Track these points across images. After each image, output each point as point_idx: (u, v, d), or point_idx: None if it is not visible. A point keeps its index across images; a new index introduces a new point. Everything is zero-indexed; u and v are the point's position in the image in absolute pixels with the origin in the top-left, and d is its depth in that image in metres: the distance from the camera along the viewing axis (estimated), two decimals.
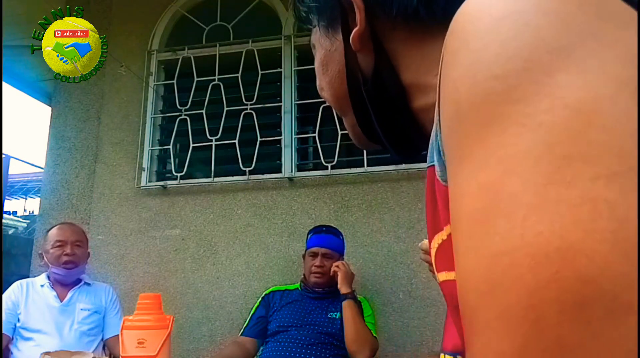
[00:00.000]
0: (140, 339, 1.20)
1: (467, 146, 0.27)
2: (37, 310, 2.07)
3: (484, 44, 0.28)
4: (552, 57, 0.25)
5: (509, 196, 0.23)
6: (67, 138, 2.93)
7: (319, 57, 0.52)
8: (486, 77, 0.27)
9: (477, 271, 0.24)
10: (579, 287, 0.21)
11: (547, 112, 0.24)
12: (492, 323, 0.23)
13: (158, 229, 2.67)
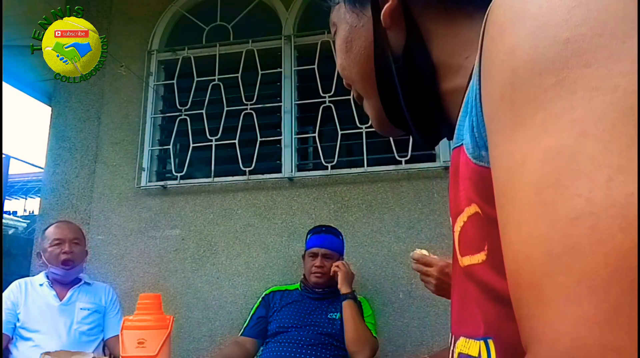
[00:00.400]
0: (140, 339, 1.20)
1: (525, 112, 0.26)
2: (37, 309, 2.06)
3: (549, 10, 0.27)
4: (623, 24, 0.25)
5: (588, 158, 0.23)
6: (67, 138, 2.93)
7: (343, 33, 0.50)
8: (553, 42, 0.26)
9: (550, 236, 0.23)
10: None
11: (622, 75, 0.23)
12: (572, 288, 0.22)
13: (158, 229, 2.67)
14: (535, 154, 0.25)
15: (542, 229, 0.23)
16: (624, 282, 0.20)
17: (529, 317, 0.24)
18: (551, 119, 0.25)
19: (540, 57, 0.26)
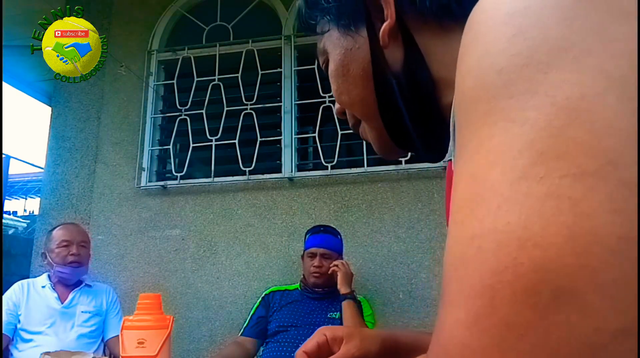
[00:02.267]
0: (140, 339, 1.20)
1: (466, 136, 0.29)
2: (38, 311, 2.07)
3: (493, 38, 0.29)
4: (550, 55, 0.26)
5: (490, 186, 0.26)
6: (67, 138, 2.93)
7: (338, 58, 0.50)
8: (490, 71, 0.28)
9: (455, 250, 0.27)
10: (531, 275, 0.23)
11: (534, 109, 0.25)
12: (455, 295, 0.25)
13: (158, 229, 2.67)
14: (463, 177, 0.28)
15: (452, 243, 0.27)
16: (486, 297, 0.24)
17: (438, 313, 0.28)
18: (478, 145, 0.27)
19: (479, 85, 0.28)
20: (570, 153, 0.24)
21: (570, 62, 0.26)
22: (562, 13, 0.28)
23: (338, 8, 0.48)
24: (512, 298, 0.23)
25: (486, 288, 0.24)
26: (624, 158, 0.24)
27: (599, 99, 0.25)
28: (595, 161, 0.24)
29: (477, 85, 0.29)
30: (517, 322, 0.23)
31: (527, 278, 0.23)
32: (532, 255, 0.23)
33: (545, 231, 0.23)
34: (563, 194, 0.23)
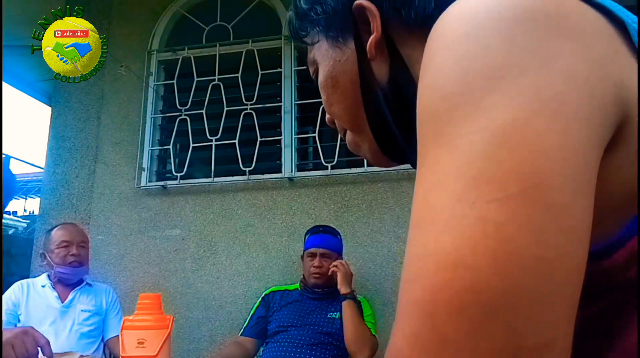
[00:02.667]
0: (140, 339, 1.20)
1: (420, 156, 0.31)
2: (38, 311, 2.06)
3: (441, 61, 0.30)
4: (488, 79, 0.28)
5: (434, 209, 0.28)
6: (67, 138, 2.93)
7: (327, 69, 0.50)
8: (436, 95, 0.30)
9: (406, 267, 0.29)
10: (463, 295, 0.25)
11: (472, 133, 0.27)
12: (403, 310, 0.28)
13: (158, 229, 2.67)
14: (416, 197, 0.30)
15: (405, 260, 0.29)
16: (424, 313, 0.26)
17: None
18: (427, 167, 0.29)
19: (428, 108, 0.30)
20: (498, 178, 0.26)
21: (506, 85, 0.27)
22: (502, 36, 0.29)
23: (327, 20, 0.49)
24: (447, 316, 0.25)
25: (426, 305, 0.26)
26: (549, 180, 0.25)
27: (528, 122, 0.26)
28: (519, 185, 0.25)
29: (426, 109, 0.30)
30: (452, 339, 0.25)
31: (460, 298, 0.25)
32: (463, 277, 0.25)
33: (474, 255, 0.25)
34: (489, 219, 0.25)
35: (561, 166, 0.26)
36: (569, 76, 0.27)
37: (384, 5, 0.45)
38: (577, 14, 0.30)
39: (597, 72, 0.28)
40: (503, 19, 0.29)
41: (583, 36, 0.29)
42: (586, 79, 0.28)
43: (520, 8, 0.29)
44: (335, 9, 0.48)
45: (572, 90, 0.27)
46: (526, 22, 0.29)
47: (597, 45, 0.29)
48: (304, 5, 0.51)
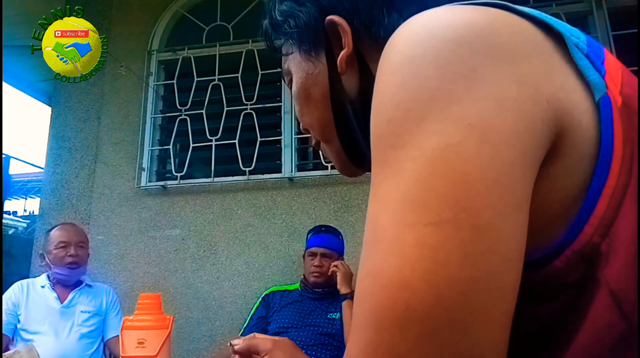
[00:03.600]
0: (140, 339, 1.20)
1: (372, 177, 0.32)
2: (38, 311, 2.06)
3: (384, 88, 0.32)
4: (424, 106, 0.30)
5: (380, 230, 0.30)
6: (67, 138, 2.93)
7: (300, 81, 0.52)
8: (381, 120, 0.32)
9: (358, 284, 0.31)
10: (405, 313, 0.27)
11: (409, 160, 0.29)
12: (356, 324, 0.30)
13: (158, 229, 2.67)
14: (368, 217, 0.32)
15: (358, 276, 0.31)
16: (373, 329, 0.28)
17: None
18: (374, 190, 0.31)
19: (376, 132, 0.32)
20: (433, 203, 0.28)
21: (439, 112, 0.29)
22: (438, 62, 0.30)
23: (299, 34, 0.50)
24: (393, 332, 0.28)
25: (375, 321, 0.28)
26: (478, 203, 0.27)
27: (458, 148, 0.28)
28: (451, 210, 0.27)
29: (375, 132, 0.32)
30: (401, 352, 0.27)
31: (402, 316, 0.27)
32: (404, 296, 0.27)
33: (413, 276, 0.27)
34: (426, 242, 0.27)
35: (490, 189, 0.28)
36: (498, 100, 0.29)
37: (355, 22, 0.47)
38: (512, 34, 0.32)
39: (527, 91, 0.30)
40: (439, 45, 0.31)
41: (515, 57, 0.31)
42: (515, 101, 0.29)
43: (456, 32, 0.31)
44: (308, 23, 0.49)
45: (500, 114, 0.29)
46: (460, 47, 0.31)
47: (530, 64, 0.31)
48: (279, 17, 0.53)
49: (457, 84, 0.29)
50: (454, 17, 0.32)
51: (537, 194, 0.30)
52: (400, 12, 0.46)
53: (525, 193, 0.29)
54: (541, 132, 0.30)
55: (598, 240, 0.30)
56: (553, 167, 0.31)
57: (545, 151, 0.30)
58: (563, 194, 0.31)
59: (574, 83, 0.32)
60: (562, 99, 0.31)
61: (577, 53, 0.33)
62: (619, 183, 0.30)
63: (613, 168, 0.30)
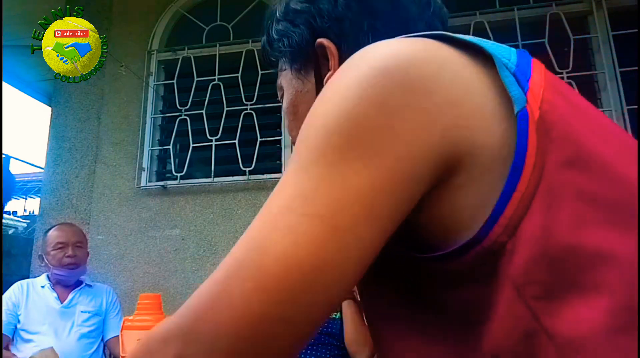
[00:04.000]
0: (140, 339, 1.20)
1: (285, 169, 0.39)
2: (37, 311, 2.06)
3: (319, 100, 0.38)
4: (339, 129, 0.35)
5: (268, 207, 0.36)
6: (67, 138, 2.93)
7: (289, 98, 0.56)
8: (307, 127, 0.38)
9: (239, 243, 0.38)
10: (256, 271, 0.33)
11: (315, 167, 0.35)
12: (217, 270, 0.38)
13: (158, 229, 2.67)
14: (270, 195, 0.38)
15: (239, 241, 0.37)
16: (230, 275, 0.35)
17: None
18: (281, 178, 0.37)
19: (300, 136, 0.38)
20: (317, 201, 0.34)
21: (345, 136, 0.35)
22: (359, 90, 0.36)
23: (292, 53, 0.55)
24: (242, 285, 0.33)
25: (231, 272, 0.35)
26: (346, 212, 0.34)
27: (348, 170, 0.34)
28: (327, 211, 0.34)
29: (299, 136, 0.38)
30: (235, 300, 0.34)
31: (254, 274, 0.33)
32: (262, 260, 0.33)
33: (274, 248, 0.33)
34: (293, 226, 0.35)
35: (360, 205, 0.33)
36: (393, 129, 0.34)
37: (342, 46, 0.51)
38: (431, 66, 0.37)
39: (423, 122, 0.35)
40: (362, 74, 0.37)
41: (425, 90, 0.36)
42: (409, 130, 0.35)
43: (378, 64, 0.37)
44: (300, 44, 0.54)
45: (391, 144, 0.34)
46: (377, 79, 0.36)
47: (438, 95, 0.36)
48: (275, 35, 0.58)
49: (368, 110, 0.35)
50: (385, 50, 0.38)
51: (445, 201, 0.36)
52: (383, 38, 0.50)
53: (393, 212, 0.35)
54: (429, 158, 0.35)
55: (505, 238, 0.34)
56: (458, 178, 0.36)
57: (437, 172, 0.35)
58: (475, 198, 0.36)
59: (494, 99, 0.37)
60: (465, 125, 0.36)
61: (504, 71, 0.37)
62: (528, 189, 0.34)
63: (524, 175, 0.34)
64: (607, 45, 2.43)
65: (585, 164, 0.35)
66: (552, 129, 0.35)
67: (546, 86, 0.37)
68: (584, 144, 0.36)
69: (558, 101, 0.37)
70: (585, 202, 0.34)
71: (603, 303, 0.32)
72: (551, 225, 0.34)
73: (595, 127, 0.39)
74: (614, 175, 0.35)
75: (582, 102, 0.42)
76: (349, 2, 0.52)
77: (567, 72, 2.40)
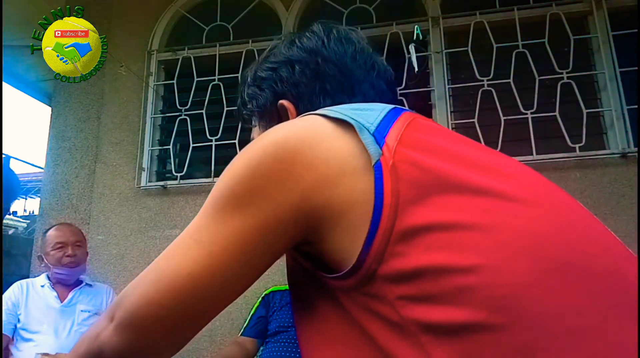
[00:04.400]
0: None
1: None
2: (37, 310, 2.06)
3: (232, 163, 0.54)
4: (232, 192, 0.50)
5: (182, 233, 0.51)
6: (67, 138, 2.93)
7: None
8: (220, 181, 0.53)
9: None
10: (152, 282, 0.49)
11: (221, 216, 0.49)
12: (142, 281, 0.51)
13: (158, 229, 2.67)
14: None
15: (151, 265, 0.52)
16: (140, 282, 0.51)
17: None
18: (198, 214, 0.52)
19: (214, 188, 0.52)
20: (209, 233, 0.49)
21: (233, 199, 0.49)
22: (248, 164, 0.51)
23: (259, 112, 0.67)
24: (145, 287, 0.50)
25: (141, 277, 0.51)
26: (226, 250, 0.48)
27: (234, 226, 0.49)
28: (212, 242, 0.49)
29: (214, 188, 0.52)
30: (145, 299, 0.49)
31: (152, 283, 0.49)
32: (159, 269, 0.50)
33: (164, 263, 0.50)
34: (183, 247, 0.50)
35: (234, 251, 0.47)
36: (265, 199, 0.47)
37: (299, 105, 0.62)
38: (305, 143, 0.47)
39: (286, 188, 0.46)
40: (252, 152, 0.51)
41: (290, 170, 0.46)
42: (275, 205, 0.46)
43: (267, 145, 0.49)
44: (265, 105, 0.66)
45: (257, 216, 0.47)
46: (262, 157, 0.49)
47: (306, 172, 0.46)
48: (246, 97, 0.69)
49: (247, 176, 0.49)
50: (273, 131, 0.51)
51: (327, 240, 0.46)
52: (333, 98, 0.61)
53: (259, 249, 0.48)
54: (292, 211, 0.46)
55: (375, 266, 0.43)
56: (328, 224, 0.46)
57: (303, 221, 0.46)
58: (350, 236, 0.44)
59: (360, 158, 0.46)
60: (321, 186, 0.46)
61: (365, 134, 0.46)
62: (388, 224, 0.43)
63: (384, 213, 0.43)
64: (607, 45, 2.43)
65: (433, 200, 0.44)
66: (404, 174, 0.44)
67: (401, 138, 0.46)
68: (436, 180, 0.45)
69: (409, 150, 0.46)
70: (432, 231, 0.43)
71: (456, 306, 0.41)
72: (407, 250, 0.42)
73: (452, 158, 0.47)
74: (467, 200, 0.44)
75: (441, 139, 0.50)
76: (304, 70, 0.63)
77: (567, 72, 2.40)
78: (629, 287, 0.43)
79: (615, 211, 2.23)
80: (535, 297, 0.40)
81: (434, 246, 0.42)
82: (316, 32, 0.65)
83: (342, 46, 0.64)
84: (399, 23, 2.64)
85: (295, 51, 0.64)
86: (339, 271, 0.45)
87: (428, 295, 0.41)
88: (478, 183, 0.45)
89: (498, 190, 0.45)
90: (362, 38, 0.66)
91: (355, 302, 0.45)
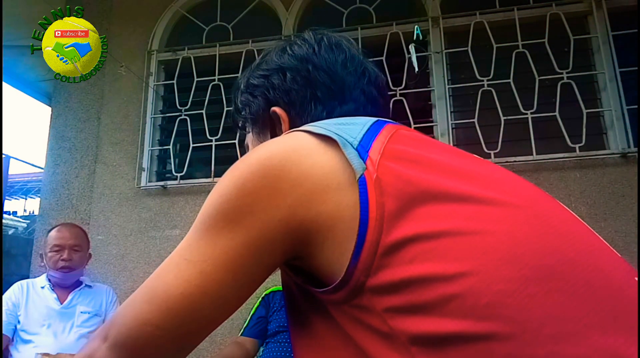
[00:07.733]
0: None
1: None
2: (37, 311, 2.06)
3: (222, 180, 0.53)
4: (222, 209, 0.49)
5: (174, 250, 0.54)
6: (67, 138, 2.93)
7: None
8: (208, 199, 0.53)
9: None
10: (149, 294, 0.51)
11: (212, 233, 0.50)
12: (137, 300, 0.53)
13: (158, 229, 2.67)
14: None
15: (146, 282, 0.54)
16: (136, 299, 0.52)
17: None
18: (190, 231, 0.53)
19: (198, 214, 0.52)
20: (201, 251, 0.51)
21: (222, 216, 0.49)
22: (236, 182, 0.51)
23: (252, 119, 0.68)
24: (141, 304, 0.51)
25: (137, 295, 0.53)
26: (217, 269, 0.48)
27: (227, 242, 0.49)
28: (203, 261, 0.50)
29: (204, 206, 0.52)
30: (141, 318, 0.49)
31: (149, 296, 0.51)
32: (154, 286, 0.53)
33: (158, 281, 0.53)
34: (175, 266, 0.53)
35: (226, 269, 0.47)
36: (254, 216, 0.47)
37: (291, 112, 0.63)
38: (283, 161, 0.48)
39: (273, 205, 0.47)
40: (240, 170, 0.52)
41: (277, 188, 0.47)
42: (265, 222, 0.47)
43: (253, 163, 0.51)
44: (258, 112, 0.66)
45: (247, 232, 0.47)
46: (250, 175, 0.50)
47: (293, 189, 0.47)
48: (239, 104, 0.70)
49: (234, 194, 0.49)
50: (260, 149, 0.53)
51: (316, 255, 0.47)
52: (324, 105, 0.62)
53: (249, 266, 0.48)
54: (280, 226, 0.47)
55: (364, 278, 0.44)
56: (317, 239, 0.46)
57: (291, 236, 0.47)
58: (337, 250, 0.45)
59: (344, 172, 0.46)
60: (307, 200, 0.46)
61: (348, 148, 0.47)
62: (374, 237, 0.43)
63: (370, 226, 0.44)
64: (606, 45, 2.43)
65: (418, 211, 0.44)
66: (388, 186, 0.45)
67: (384, 151, 0.47)
68: (420, 190, 0.45)
69: (392, 163, 0.47)
70: (417, 241, 0.43)
71: (442, 317, 0.42)
72: (393, 261, 0.43)
73: (435, 168, 0.48)
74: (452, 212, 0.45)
75: (423, 150, 0.51)
76: (295, 77, 0.64)
77: (567, 72, 2.40)
78: (612, 290, 0.43)
79: (615, 211, 2.23)
80: (517, 304, 0.40)
81: (419, 256, 0.43)
82: (307, 40, 0.66)
83: (333, 54, 0.65)
84: (399, 23, 2.64)
85: (287, 58, 0.65)
86: (328, 285, 0.46)
87: (415, 306, 0.42)
88: (461, 191, 0.46)
89: (481, 197, 0.46)
90: (352, 45, 0.68)
91: (346, 315, 0.46)
